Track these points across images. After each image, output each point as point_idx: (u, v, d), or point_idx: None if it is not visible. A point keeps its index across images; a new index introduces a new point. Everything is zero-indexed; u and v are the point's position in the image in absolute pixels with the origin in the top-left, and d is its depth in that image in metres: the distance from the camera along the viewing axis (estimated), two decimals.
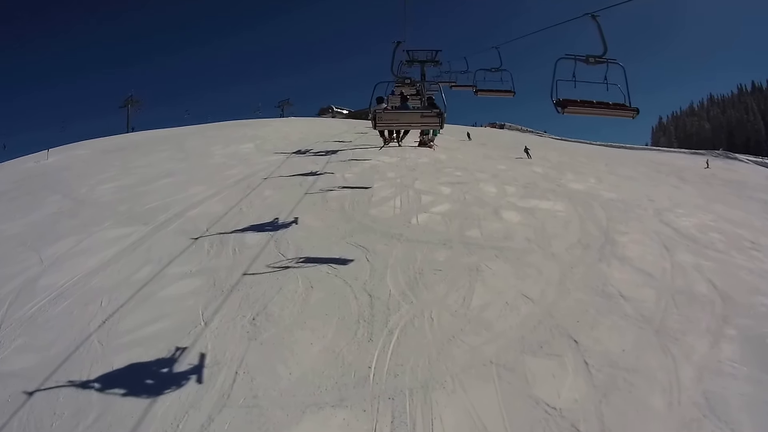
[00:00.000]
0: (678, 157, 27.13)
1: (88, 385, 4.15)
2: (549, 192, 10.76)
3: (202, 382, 4.06)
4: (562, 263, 6.50)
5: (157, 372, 4.30)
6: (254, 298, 5.33)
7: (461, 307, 5.11)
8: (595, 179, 14.03)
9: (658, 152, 30.27)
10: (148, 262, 6.69)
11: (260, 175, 11.88)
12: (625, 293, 5.69)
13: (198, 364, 4.26)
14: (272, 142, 19.30)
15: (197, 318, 5.10)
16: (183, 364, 4.33)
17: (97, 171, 14.68)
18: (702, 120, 63.57)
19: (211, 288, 5.70)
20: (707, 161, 22.80)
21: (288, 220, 7.89)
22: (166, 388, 4.00)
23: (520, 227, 7.73)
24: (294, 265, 6.14)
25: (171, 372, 4.24)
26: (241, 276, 5.90)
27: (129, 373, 4.30)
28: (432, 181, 10.88)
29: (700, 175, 19.04)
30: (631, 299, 5.55)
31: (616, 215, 9.30)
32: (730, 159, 27.30)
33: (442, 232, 7.26)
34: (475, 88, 12.18)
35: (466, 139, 22.79)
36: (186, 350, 4.50)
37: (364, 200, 9.03)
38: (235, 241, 7.11)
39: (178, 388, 4.00)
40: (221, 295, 5.45)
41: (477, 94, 12.24)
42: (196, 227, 7.97)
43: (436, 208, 8.53)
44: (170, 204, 9.65)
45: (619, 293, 5.71)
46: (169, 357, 4.46)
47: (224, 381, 4.06)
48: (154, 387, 4.07)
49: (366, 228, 7.42)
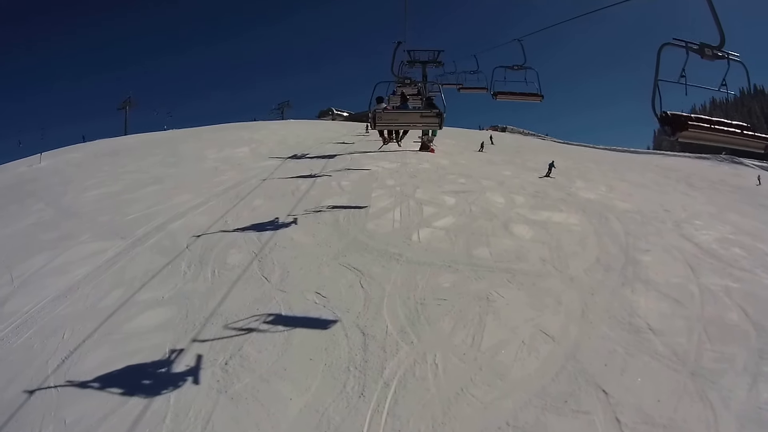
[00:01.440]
0: (684, 162, 26.42)
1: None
2: (560, 202, 10.02)
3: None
4: (583, 289, 5.77)
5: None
6: (229, 334, 4.59)
7: (470, 349, 4.36)
8: (606, 187, 13.30)
9: (663, 157, 29.54)
10: (120, 284, 6.02)
11: (252, 182, 11.16)
12: (654, 325, 5.03)
13: (155, 426, 3.52)
14: (268, 145, 18.59)
15: (163, 359, 4.38)
16: (140, 423, 3.60)
17: (86, 176, 14.09)
18: None
19: (183, 321, 4.97)
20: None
21: (276, 235, 7.17)
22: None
23: (534, 245, 6.98)
24: (278, 291, 5.40)
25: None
26: (217, 305, 5.17)
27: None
28: (434, 190, 10.15)
29: (709, 182, 18.34)
30: (662, 333, 4.89)
31: (634, 229, 8.58)
32: (735, 164, 26.59)
33: (446, 251, 6.51)
34: (494, 91, 10.14)
35: (480, 149, 20.57)
36: (145, 405, 3.76)
37: (360, 212, 8.30)
38: (215, 261, 6.39)
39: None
40: (192, 331, 4.72)
41: (496, 98, 10.21)
42: (176, 243, 7.27)
43: (439, 221, 7.79)
44: (153, 214, 8.96)
45: (648, 326, 5.04)
46: (124, 411, 3.73)
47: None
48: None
49: (361, 245, 6.68)
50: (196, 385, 3.94)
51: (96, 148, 22.39)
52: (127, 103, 41.41)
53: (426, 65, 16.65)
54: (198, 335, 4.61)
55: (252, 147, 18.00)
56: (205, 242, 7.15)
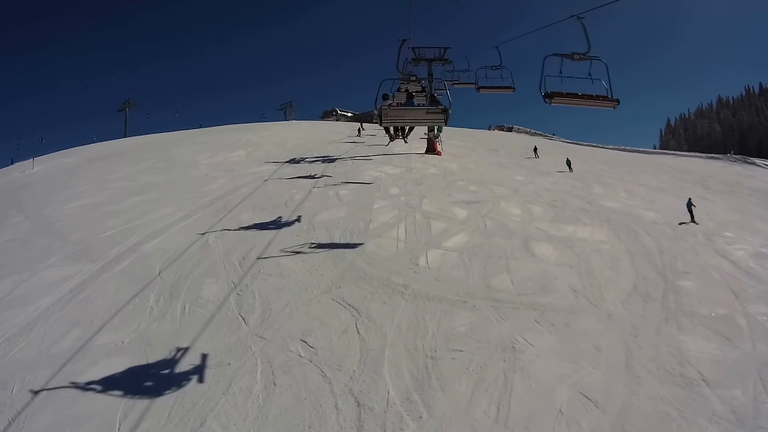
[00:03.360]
0: (696, 163, 25.31)
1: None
2: (581, 212, 9.03)
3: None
4: (623, 329, 4.82)
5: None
6: (191, 401, 3.65)
7: (495, 424, 3.39)
8: (626, 193, 12.27)
9: (673, 157, 28.37)
10: (80, 321, 5.15)
11: (243, 190, 10.22)
12: (707, 374, 4.31)
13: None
14: (266, 148, 17.65)
15: None
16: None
17: (73, 184, 13.27)
18: (712, 122, 60.96)
19: (140, 376, 4.04)
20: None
21: (261, 258, 6.22)
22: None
23: (560, 269, 6.00)
24: (256, 338, 4.45)
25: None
26: (181, 355, 4.23)
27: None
28: (443, 200, 9.18)
29: (725, 184, 17.34)
30: (716, 384, 4.18)
31: (666, 245, 7.61)
32: (748, 164, 25.52)
33: (460, 280, 5.53)
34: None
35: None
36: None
37: (360, 227, 7.34)
38: (188, 294, 5.46)
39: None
40: (148, 395, 3.77)
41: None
42: (148, 269, 6.36)
43: (450, 240, 6.80)
44: (130, 231, 8.06)
45: (701, 376, 4.29)
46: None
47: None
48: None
49: (359, 273, 5.71)
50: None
51: (91, 151, 21.67)
52: (127, 104, 40.52)
53: (432, 63, 15.87)
54: (153, 403, 3.66)
55: (248, 150, 17.09)
56: (180, 268, 6.22)
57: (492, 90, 12.55)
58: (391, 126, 11.90)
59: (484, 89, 12.56)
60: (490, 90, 12.56)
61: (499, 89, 12.66)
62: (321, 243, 6.72)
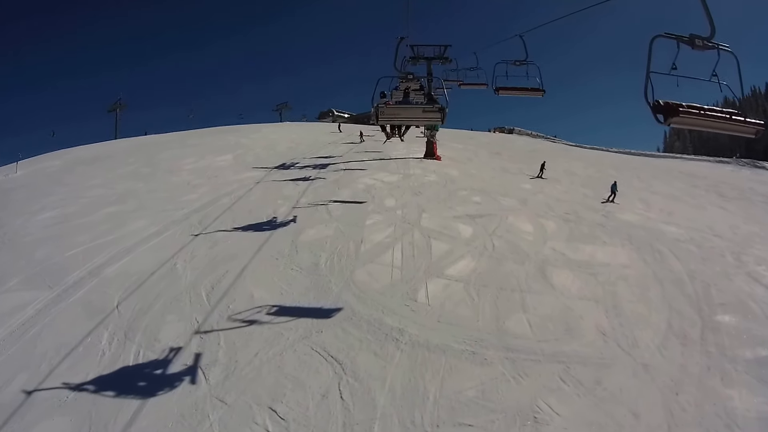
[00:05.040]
0: (705, 167, 24.59)
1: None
2: (598, 228, 8.15)
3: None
4: (662, 384, 4.05)
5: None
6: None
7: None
8: (642, 203, 11.38)
9: (681, 161, 27.62)
10: (27, 365, 4.52)
11: (224, 201, 9.31)
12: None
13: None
14: (256, 152, 16.70)
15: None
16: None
17: (51, 191, 12.32)
18: None
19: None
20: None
21: (233, 288, 5.35)
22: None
23: (584, 304, 5.13)
24: (216, 401, 3.57)
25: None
26: (128, 422, 3.37)
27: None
28: (444, 213, 8.29)
29: (739, 190, 16.61)
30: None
31: (696, 269, 6.79)
32: (757, 168, 24.86)
33: (467, 322, 4.63)
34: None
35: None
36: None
37: (349, 249, 6.44)
38: (144, 334, 4.62)
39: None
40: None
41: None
42: (106, 299, 5.55)
43: (454, 266, 5.91)
44: (96, 250, 7.22)
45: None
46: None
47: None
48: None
49: (346, 311, 4.82)
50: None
51: (77, 154, 20.69)
52: (118, 105, 39.47)
53: (431, 61, 14.95)
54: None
55: (237, 154, 16.16)
56: (141, 299, 5.36)
57: (516, 92, 9.78)
58: (388, 124, 11.25)
59: (505, 91, 9.69)
60: (514, 92, 9.78)
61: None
62: (303, 268, 5.84)
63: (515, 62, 9.14)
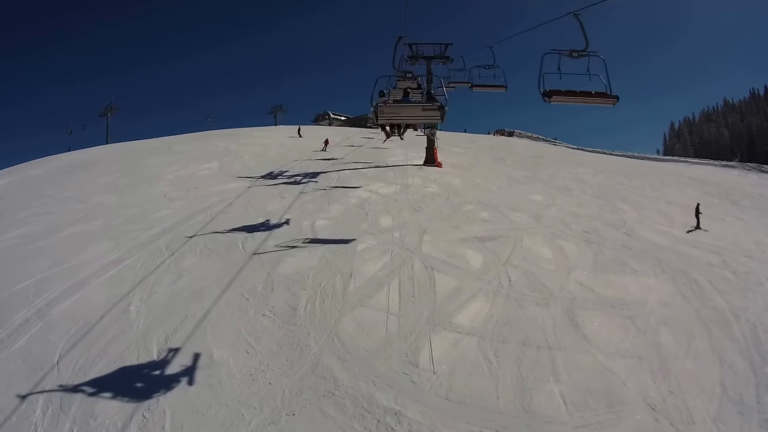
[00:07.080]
0: (711, 172, 23.71)
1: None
2: (624, 251, 7.15)
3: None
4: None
5: None
6: None
7: None
8: (662, 217, 10.34)
9: (687, 165, 26.72)
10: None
11: (198, 219, 8.29)
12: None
13: None
14: (244, 159, 15.64)
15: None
16: None
17: (22, 205, 11.25)
18: (720, 127, 59.01)
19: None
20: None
21: (189, 342, 4.34)
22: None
23: (626, 364, 4.14)
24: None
25: None
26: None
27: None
28: (449, 235, 7.28)
29: (750, 197, 15.75)
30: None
31: (738, 305, 5.90)
32: (764, 173, 24.10)
33: (485, 399, 3.60)
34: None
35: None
36: None
37: (335, 286, 5.43)
38: (80, 407, 3.67)
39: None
40: None
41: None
42: (48, 352, 4.71)
43: (464, 311, 4.88)
44: (48, 282, 6.34)
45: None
46: None
47: None
48: None
49: (327, 383, 3.80)
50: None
51: (62, 162, 19.50)
52: (109, 109, 38.35)
53: (431, 60, 14.05)
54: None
55: (223, 161, 15.13)
56: (84, 353, 4.44)
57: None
58: (387, 123, 10.62)
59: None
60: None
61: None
62: (278, 314, 4.83)
63: (572, 53, 6.49)
